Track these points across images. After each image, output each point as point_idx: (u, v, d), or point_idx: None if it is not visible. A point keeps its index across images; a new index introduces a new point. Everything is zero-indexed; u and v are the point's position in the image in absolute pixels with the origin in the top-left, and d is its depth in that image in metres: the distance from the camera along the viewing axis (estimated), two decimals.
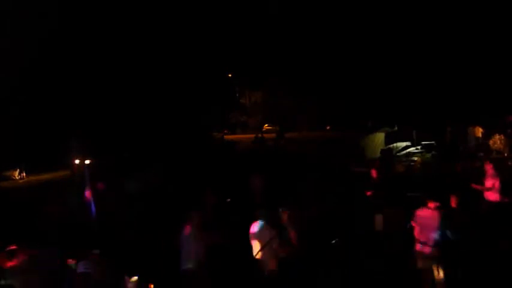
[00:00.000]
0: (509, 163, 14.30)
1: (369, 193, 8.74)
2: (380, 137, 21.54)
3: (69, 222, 8.51)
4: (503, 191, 7.86)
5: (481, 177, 8.29)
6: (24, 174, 20.93)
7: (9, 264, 5.09)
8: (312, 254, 6.24)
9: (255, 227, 5.95)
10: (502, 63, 21.47)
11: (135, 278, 5.20)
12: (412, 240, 5.85)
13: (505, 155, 16.28)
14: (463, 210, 6.17)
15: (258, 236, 5.91)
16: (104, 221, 8.59)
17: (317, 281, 5.91)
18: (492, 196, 7.95)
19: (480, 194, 8.12)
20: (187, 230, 5.95)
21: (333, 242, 6.16)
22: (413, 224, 5.89)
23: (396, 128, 22.80)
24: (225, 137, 34.26)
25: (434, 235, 5.50)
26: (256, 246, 5.83)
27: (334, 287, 5.97)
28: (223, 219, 7.09)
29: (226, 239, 6.29)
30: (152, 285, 5.36)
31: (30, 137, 21.83)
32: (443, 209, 5.70)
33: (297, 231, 6.02)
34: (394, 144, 20.04)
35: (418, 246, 5.72)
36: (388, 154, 18.92)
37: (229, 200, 8.26)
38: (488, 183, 8.02)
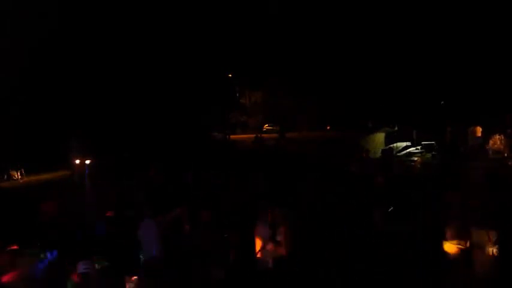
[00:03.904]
0: (509, 163, 14.27)
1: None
2: (380, 137, 21.55)
3: (69, 222, 8.51)
4: None
5: None
6: (18, 174, 20.86)
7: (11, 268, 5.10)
8: (310, 253, 6.25)
9: (256, 226, 5.99)
10: (501, 63, 21.49)
11: (135, 278, 5.21)
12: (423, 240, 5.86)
13: (505, 155, 16.24)
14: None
15: (259, 235, 5.95)
16: (104, 221, 8.58)
17: (317, 281, 5.91)
18: None
19: None
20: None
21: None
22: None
23: (396, 128, 22.82)
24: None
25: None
26: (257, 245, 5.87)
27: (334, 287, 5.97)
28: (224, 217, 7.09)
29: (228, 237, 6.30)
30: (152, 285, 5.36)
31: (30, 137, 21.84)
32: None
33: (296, 230, 6.03)
34: (394, 144, 20.03)
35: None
36: (389, 154, 18.91)
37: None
38: None
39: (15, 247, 5.44)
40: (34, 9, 22.39)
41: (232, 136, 35.10)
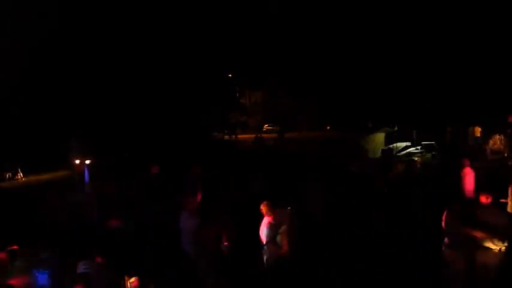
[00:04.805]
0: (509, 163, 14.29)
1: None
2: (380, 137, 21.52)
3: (69, 222, 8.52)
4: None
5: None
6: (20, 174, 20.81)
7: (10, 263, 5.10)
8: (310, 253, 6.26)
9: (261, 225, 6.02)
10: (501, 63, 21.49)
11: (135, 278, 5.21)
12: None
13: (505, 155, 16.27)
14: None
15: (261, 234, 5.97)
16: (104, 221, 8.58)
17: (317, 281, 5.92)
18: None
19: None
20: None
21: None
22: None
23: (396, 128, 22.80)
24: (224, 137, 34.37)
25: None
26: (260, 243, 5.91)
27: (334, 287, 5.97)
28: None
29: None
30: (152, 285, 5.37)
31: (30, 137, 21.83)
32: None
33: (297, 230, 6.04)
34: (394, 144, 20.01)
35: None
36: (389, 154, 18.90)
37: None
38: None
39: (15, 247, 5.44)
40: (34, 9, 22.40)
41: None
